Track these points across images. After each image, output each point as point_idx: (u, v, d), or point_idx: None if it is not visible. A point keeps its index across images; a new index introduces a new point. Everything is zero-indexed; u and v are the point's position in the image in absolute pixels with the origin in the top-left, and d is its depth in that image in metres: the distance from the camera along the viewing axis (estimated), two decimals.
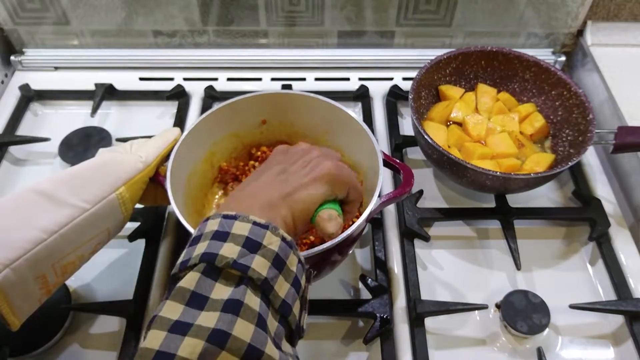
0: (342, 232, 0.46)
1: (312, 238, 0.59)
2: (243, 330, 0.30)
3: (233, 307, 0.31)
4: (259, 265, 0.33)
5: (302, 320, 0.36)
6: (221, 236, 0.34)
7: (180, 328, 0.30)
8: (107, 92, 0.82)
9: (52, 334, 0.56)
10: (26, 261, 0.41)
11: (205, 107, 0.80)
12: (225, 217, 0.36)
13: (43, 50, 0.88)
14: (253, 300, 0.32)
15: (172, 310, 0.31)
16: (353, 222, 0.49)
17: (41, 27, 0.84)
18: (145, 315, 0.57)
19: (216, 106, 0.60)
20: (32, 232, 0.42)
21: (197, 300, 0.31)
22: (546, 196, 0.72)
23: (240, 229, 0.35)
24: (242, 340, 0.30)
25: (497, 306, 0.59)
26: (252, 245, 0.34)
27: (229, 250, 0.33)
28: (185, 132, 0.57)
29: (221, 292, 0.32)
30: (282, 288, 0.34)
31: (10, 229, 0.42)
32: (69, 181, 0.47)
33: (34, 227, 0.42)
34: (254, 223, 0.35)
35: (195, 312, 0.31)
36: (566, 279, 0.63)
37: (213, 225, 0.35)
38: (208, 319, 0.30)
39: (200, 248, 0.34)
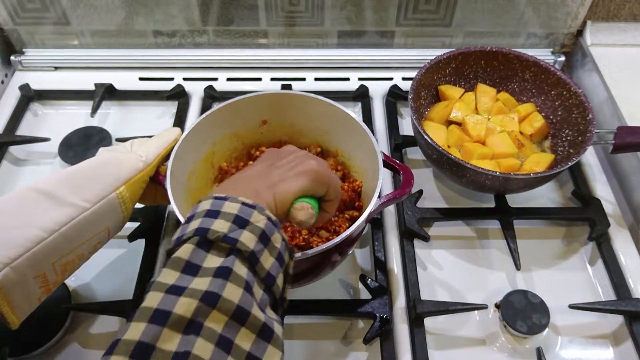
0: (325, 241, 0.46)
1: (326, 234, 0.59)
2: (232, 293, 0.33)
3: (223, 273, 0.34)
4: (247, 239, 0.36)
5: (285, 292, 0.40)
6: (213, 214, 0.37)
7: (176, 290, 0.33)
8: (107, 92, 0.82)
9: (52, 333, 0.56)
10: (26, 260, 0.41)
11: (205, 107, 0.80)
12: (217, 198, 0.39)
13: (43, 50, 0.88)
14: (241, 269, 0.35)
15: (169, 276, 0.34)
16: (335, 222, 0.50)
17: (41, 27, 0.84)
18: None
19: (216, 106, 0.61)
20: (32, 231, 0.42)
21: (191, 268, 0.34)
22: (546, 196, 0.72)
23: (231, 208, 0.38)
24: (231, 302, 0.33)
25: (497, 306, 0.59)
26: (241, 222, 0.37)
27: (220, 226, 0.36)
28: (186, 132, 0.57)
29: (212, 261, 0.35)
30: (267, 261, 0.37)
31: (11, 228, 0.42)
32: (69, 180, 0.47)
33: (34, 225, 0.43)
34: (243, 203, 0.38)
35: (189, 277, 0.34)
36: (566, 279, 0.63)
37: (205, 205, 0.39)
38: (201, 283, 0.33)
39: (194, 224, 0.37)
